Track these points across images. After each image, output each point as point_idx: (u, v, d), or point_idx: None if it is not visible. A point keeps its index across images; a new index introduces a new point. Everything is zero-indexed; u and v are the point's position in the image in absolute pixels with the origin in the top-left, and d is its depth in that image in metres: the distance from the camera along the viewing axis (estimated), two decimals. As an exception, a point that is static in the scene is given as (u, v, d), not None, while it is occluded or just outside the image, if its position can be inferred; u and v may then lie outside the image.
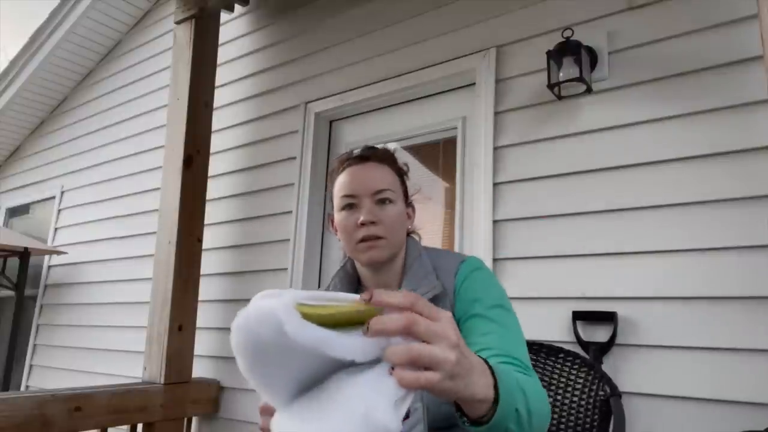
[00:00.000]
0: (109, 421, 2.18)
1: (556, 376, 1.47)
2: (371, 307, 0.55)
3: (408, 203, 1.14)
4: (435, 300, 1.01)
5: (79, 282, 3.83)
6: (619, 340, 1.66)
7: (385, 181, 1.06)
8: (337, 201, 1.08)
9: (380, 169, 1.08)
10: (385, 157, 1.10)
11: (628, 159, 1.76)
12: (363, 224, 1.02)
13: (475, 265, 1.07)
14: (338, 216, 1.07)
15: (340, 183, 1.07)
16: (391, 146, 1.16)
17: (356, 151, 1.11)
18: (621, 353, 1.66)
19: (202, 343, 2.69)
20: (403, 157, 1.17)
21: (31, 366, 4.03)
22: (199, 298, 2.57)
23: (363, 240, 1.03)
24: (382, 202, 1.05)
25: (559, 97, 1.92)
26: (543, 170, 1.93)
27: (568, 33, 1.86)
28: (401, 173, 1.13)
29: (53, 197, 4.30)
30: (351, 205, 1.04)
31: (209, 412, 2.65)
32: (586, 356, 1.64)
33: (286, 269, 2.58)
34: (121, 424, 2.27)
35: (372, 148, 1.12)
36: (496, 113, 2.08)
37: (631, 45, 1.82)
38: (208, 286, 2.78)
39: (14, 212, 4.84)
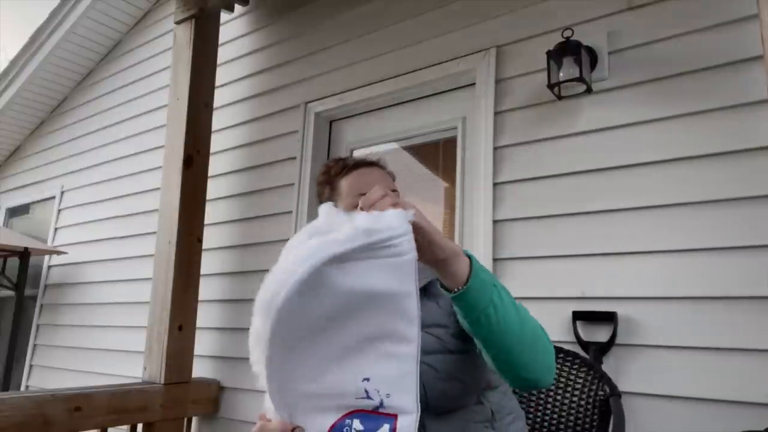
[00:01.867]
0: (109, 421, 2.18)
1: (555, 376, 1.47)
2: None
3: None
4: (430, 285, 1.10)
5: (79, 282, 3.83)
6: (619, 340, 1.66)
7: (391, 184, 1.17)
8: (349, 201, 1.13)
9: (384, 173, 1.19)
10: (382, 164, 1.22)
11: (628, 159, 1.76)
12: None
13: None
14: None
15: (350, 184, 1.15)
16: (393, 147, 1.23)
17: (354, 158, 1.22)
18: (621, 353, 1.66)
19: (202, 343, 2.69)
20: (404, 158, 1.24)
21: (31, 366, 4.03)
22: (199, 298, 2.57)
23: None
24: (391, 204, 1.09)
25: (559, 97, 1.92)
26: (543, 170, 1.93)
27: (568, 33, 1.86)
28: (393, 179, 1.24)
29: (53, 197, 4.30)
30: None
31: (209, 412, 2.65)
32: (586, 356, 1.65)
33: (286, 269, 2.58)
34: (121, 424, 2.27)
35: (367, 158, 1.23)
36: (496, 113, 2.08)
37: (631, 45, 1.82)
38: (208, 286, 2.78)
39: (14, 212, 4.84)
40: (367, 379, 0.67)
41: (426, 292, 1.09)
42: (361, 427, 0.66)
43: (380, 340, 0.69)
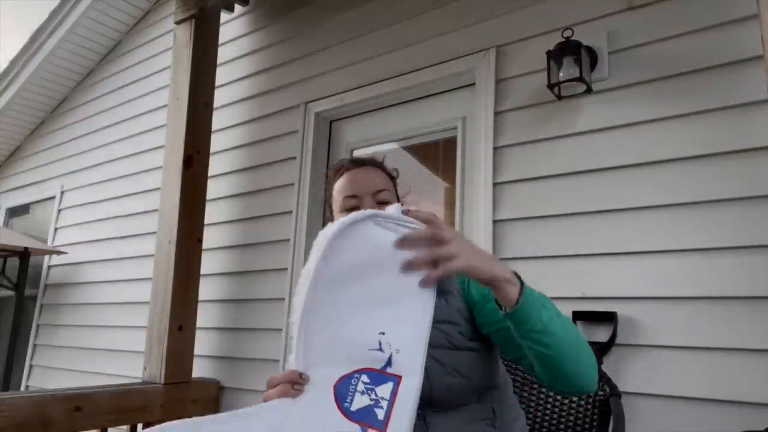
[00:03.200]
0: (109, 421, 2.18)
1: (556, 376, 1.47)
2: None
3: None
4: (440, 283, 1.10)
5: (79, 282, 3.83)
6: (619, 340, 1.66)
7: (382, 183, 1.15)
8: (339, 203, 1.15)
9: (376, 172, 1.18)
10: (378, 163, 1.21)
11: (627, 159, 1.76)
12: None
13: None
14: (341, 216, 1.11)
15: (341, 186, 1.16)
16: (393, 147, 1.24)
17: (351, 159, 1.22)
18: (621, 353, 1.66)
19: (202, 343, 2.69)
20: (404, 158, 1.24)
21: (31, 366, 4.03)
22: (199, 298, 2.57)
23: None
24: (382, 201, 1.12)
25: (559, 97, 1.92)
26: (543, 170, 1.93)
27: (568, 33, 1.86)
28: (392, 177, 1.22)
29: (53, 197, 4.30)
30: (354, 204, 1.12)
31: (209, 412, 2.64)
32: (586, 356, 1.64)
33: (286, 269, 2.58)
34: (121, 424, 2.27)
35: (361, 156, 1.23)
36: (496, 113, 2.08)
37: (631, 45, 1.82)
38: (208, 286, 2.78)
39: (14, 212, 4.84)
40: (383, 333, 0.78)
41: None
42: (367, 380, 0.75)
43: (402, 304, 0.80)
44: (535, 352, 0.93)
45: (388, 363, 0.77)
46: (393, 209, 0.85)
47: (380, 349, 0.77)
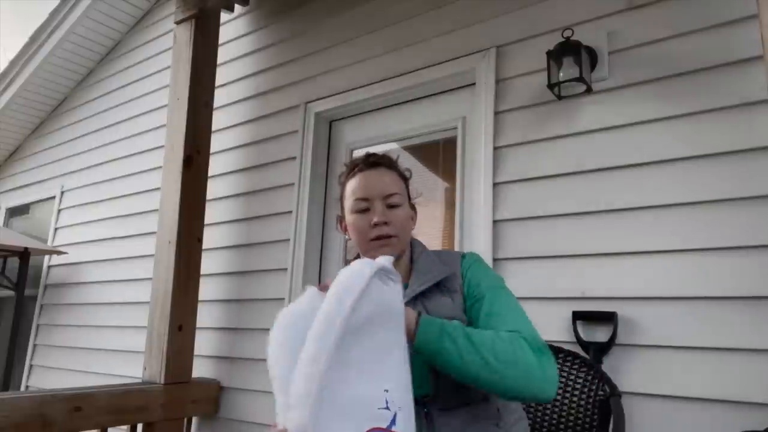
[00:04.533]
0: (109, 421, 2.18)
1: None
2: None
3: (411, 206, 1.24)
4: (446, 281, 1.15)
5: (79, 282, 3.83)
6: (619, 340, 1.66)
7: (394, 186, 1.17)
8: (350, 203, 1.17)
9: (389, 174, 1.18)
10: (392, 164, 1.21)
11: (627, 159, 1.76)
12: (377, 224, 1.13)
13: (477, 257, 1.25)
14: (351, 217, 1.16)
15: (353, 187, 1.17)
16: (393, 147, 1.25)
17: (365, 158, 1.22)
18: (621, 353, 1.66)
19: (202, 343, 2.69)
20: (404, 158, 1.24)
21: (31, 366, 4.03)
22: (199, 298, 2.57)
23: (377, 238, 1.13)
24: (392, 205, 1.15)
25: (559, 97, 1.92)
26: (543, 170, 1.93)
27: (568, 33, 1.86)
28: (405, 178, 1.23)
29: (53, 197, 4.30)
30: (365, 207, 1.14)
31: (209, 412, 2.65)
32: (586, 356, 1.64)
33: (286, 269, 2.58)
34: (121, 424, 2.27)
35: (376, 155, 1.22)
36: (496, 113, 2.07)
37: (631, 45, 1.82)
38: (208, 286, 2.78)
39: (14, 212, 4.84)
40: (387, 390, 0.76)
41: (441, 287, 1.14)
42: None
43: (394, 358, 0.80)
44: (458, 378, 0.97)
45: (393, 422, 0.74)
46: (384, 260, 0.85)
47: (387, 408, 0.74)
